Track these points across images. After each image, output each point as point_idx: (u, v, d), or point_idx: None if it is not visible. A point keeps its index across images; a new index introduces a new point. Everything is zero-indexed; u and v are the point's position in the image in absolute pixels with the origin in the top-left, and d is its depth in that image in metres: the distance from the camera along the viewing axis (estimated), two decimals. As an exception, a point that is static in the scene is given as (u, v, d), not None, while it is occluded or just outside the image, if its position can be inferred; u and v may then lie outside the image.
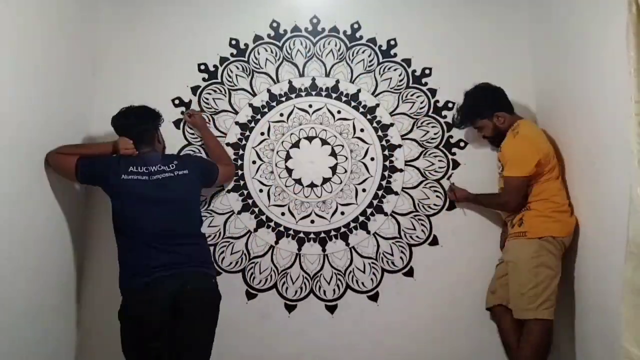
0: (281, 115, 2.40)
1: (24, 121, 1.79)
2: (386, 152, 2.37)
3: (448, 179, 2.34)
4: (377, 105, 2.40)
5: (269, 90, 2.42)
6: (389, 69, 2.43)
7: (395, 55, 2.44)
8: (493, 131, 2.14)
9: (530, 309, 1.87)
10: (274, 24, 2.47)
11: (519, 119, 2.12)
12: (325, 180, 2.35)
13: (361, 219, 2.31)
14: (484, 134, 2.19)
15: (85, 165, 1.91)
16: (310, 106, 2.41)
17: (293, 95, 2.42)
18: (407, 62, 2.44)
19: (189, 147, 2.35)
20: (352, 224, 2.31)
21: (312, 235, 2.29)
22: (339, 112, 2.40)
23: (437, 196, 2.32)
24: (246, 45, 2.45)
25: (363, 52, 2.45)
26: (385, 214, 2.31)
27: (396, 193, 2.33)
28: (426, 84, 2.42)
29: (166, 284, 1.75)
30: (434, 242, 2.29)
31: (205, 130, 2.31)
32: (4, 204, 1.67)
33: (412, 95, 2.41)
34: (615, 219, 1.65)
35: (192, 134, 2.37)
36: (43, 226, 1.91)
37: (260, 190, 2.33)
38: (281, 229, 2.30)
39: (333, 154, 2.37)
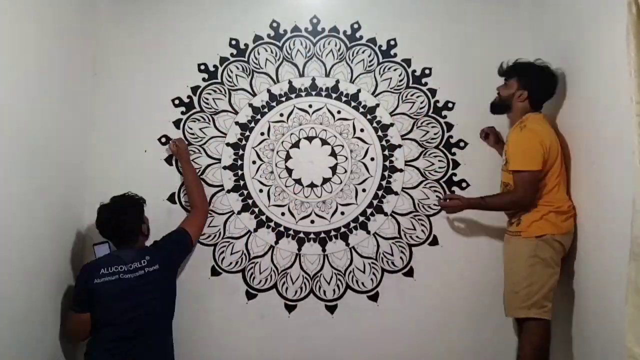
0: (281, 115, 2.40)
1: (24, 121, 1.78)
2: (386, 152, 2.37)
3: (448, 179, 2.34)
4: (377, 105, 2.40)
5: (269, 91, 2.42)
6: (389, 69, 2.43)
7: (395, 55, 2.44)
8: (507, 96, 2.06)
9: (523, 307, 1.86)
10: (274, 24, 2.47)
11: (534, 114, 2.02)
12: (325, 181, 2.35)
13: (361, 219, 2.31)
14: (499, 93, 2.11)
15: (76, 304, 1.91)
16: (310, 106, 2.41)
17: (293, 96, 2.42)
18: (407, 62, 2.44)
19: (189, 147, 2.35)
20: (352, 224, 2.31)
21: (312, 235, 2.29)
22: (339, 112, 2.40)
23: (437, 196, 2.32)
24: (246, 45, 2.45)
25: (363, 52, 2.45)
26: (385, 214, 2.32)
27: (396, 193, 2.33)
28: (426, 84, 2.42)
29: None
30: (434, 242, 2.29)
31: (186, 162, 2.27)
32: (4, 204, 1.67)
33: (412, 95, 2.41)
34: (615, 219, 1.65)
35: (192, 134, 2.37)
36: (43, 226, 1.91)
37: (260, 191, 2.33)
38: (281, 229, 2.30)
39: (333, 154, 2.37)
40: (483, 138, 2.29)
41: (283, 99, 2.41)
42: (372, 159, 2.36)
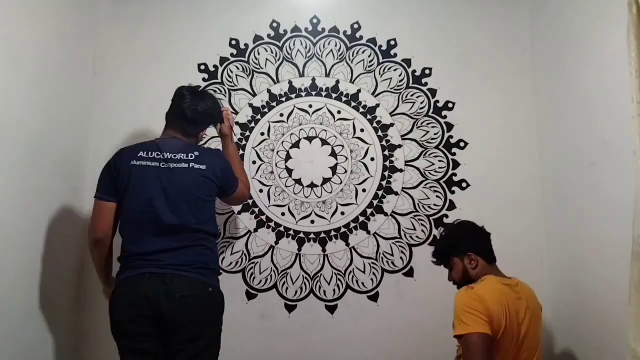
0: (281, 115, 2.40)
1: (24, 121, 1.78)
2: (386, 152, 2.37)
3: (448, 179, 2.34)
4: (377, 105, 2.40)
5: (268, 90, 2.42)
6: (389, 69, 2.43)
7: (395, 55, 2.44)
8: (462, 274, 1.76)
9: None
10: (274, 24, 2.47)
11: (496, 273, 1.74)
12: (325, 180, 2.35)
13: (361, 219, 2.31)
14: (452, 276, 1.82)
15: (102, 189, 1.70)
16: (310, 106, 2.41)
17: (293, 95, 2.42)
18: (407, 62, 2.44)
19: (189, 147, 2.35)
20: (352, 224, 2.31)
21: (312, 235, 2.29)
22: (339, 112, 2.40)
23: (437, 196, 2.32)
24: (246, 45, 2.45)
25: (363, 52, 2.45)
26: (385, 214, 2.32)
27: (396, 193, 2.33)
28: (426, 84, 2.42)
29: (147, 285, 1.55)
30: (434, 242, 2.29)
31: (233, 141, 2.07)
32: (4, 203, 1.66)
33: (412, 95, 2.41)
34: (615, 219, 1.65)
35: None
36: (43, 226, 1.91)
37: (260, 190, 2.33)
38: (281, 229, 2.30)
39: (333, 154, 2.37)
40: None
41: (283, 99, 2.41)
42: (372, 159, 2.36)
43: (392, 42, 2.45)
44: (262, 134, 2.38)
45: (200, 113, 1.81)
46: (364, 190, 2.33)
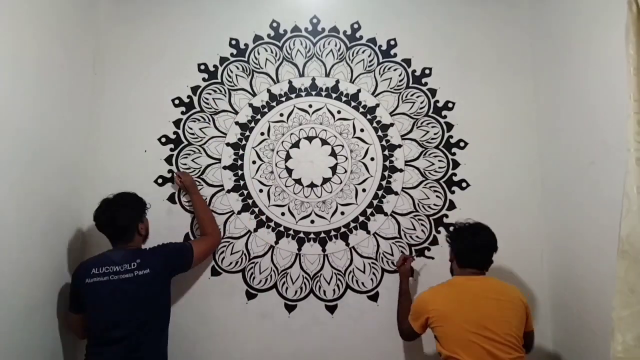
0: (281, 115, 2.40)
1: (24, 121, 1.78)
2: (386, 152, 2.37)
3: (448, 179, 2.34)
4: (377, 105, 2.40)
5: (269, 90, 2.42)
6: (389, 69, 2.43)
7: (395, 55, 2.44)
8: (450, 267, 2.00)
9: None
10: (274, 24, 2.47)
11: (467, 274, 1.87)
12: (325, 180, 2.35)
13: (361, 219, 2.31)
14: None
15: (70, 303, 1.92)
16: (310, 106, 2.41)
17: (293, 95, 2.42)
18: (407, 62, 2.44)
19: (189, 147, 2.35)
20: (352, 224, 2.31)
21: (312, 235, 2.29)
22: (339, 112, 2.40)
23: (437, 196, 2.32)
24: (246, 45, 2.45)
25: (363, 52, 2.45)
26: (385, 214, 2.32)
27: (396, 193, 2.33)
28: (426, 84, 2.42)
29: None
30: (434, 242, 2.29)
31: (194, 193, 2.23)
32: (4, 204, 1.67)
33: (412, 95, 2.41)
34: (615, 218, 1.65)
35: (193, 134, 2.37)
36: (42, 226, 1.91)
37: (260, 190, 2.33)
38: (281, 229, 2.30)
39: (333, 154, 2.37)
40: (400, 261, 2.18)
41: (283, 99, 2.41)
42: (372, 159, 2.36)
43: (392, 42, 2.45)
44: (262, 134, 2.38)
45: (118, 224, 1.93)
46: (364, 190, 2.33)
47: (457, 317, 1.73)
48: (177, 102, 2.39)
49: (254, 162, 2.36)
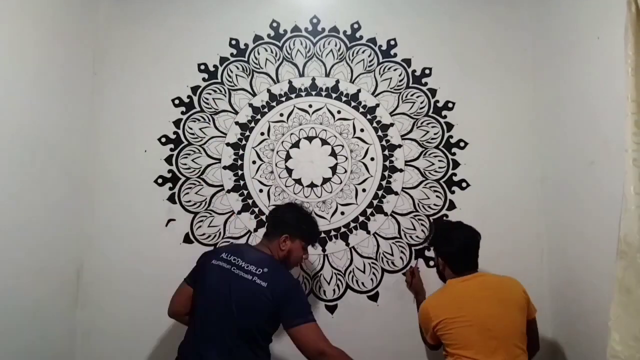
0: (281, 115, 2.40)
1: (24, 121, 1.79)
2: (386, 152, 2.37)
3: (448, 179, 2.34)
4: (377, 105, 2.40)
5: (269, 90, 2.42)
6: (389, 69, 2.43)
7: (395, 55, 2.44)
8: (438, 272, 2.01)
9: None
10: (274, 24, 2.47)
11: (460, 276, 1.86)
12: (325, 180, 2.35)
13: (361, 219, 2.31)
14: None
15: (189, 274, 1.86)
16: (310, 106, 2.41)
17: (293, 95, 2.42)
18: (407, 62, 2.44)
19: (189, 147, 2.35)
20: (352, 224, 2.31)
21: (312, 235, 2.29)
22: (339, 112, 2.40)
23: (437, 196, 2.33)
24: (246, 45, 2.45)
25: (363, 52, 2.45)
26: (385, 214, 2.32)
27: (396, 193, 2.33)
28: (426, 84, 2.42)
29: None
30: (434, 242, 2.29)
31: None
32: (4, 203, 1.67)
33: (412, 95, 2.41)
34: (615, 218, 1.65)
35: (193, 134, 2.37)
36: (43, 226, 1.91)
37: (260, 190, 2.33)
38: (281, 229, 2.30)
39: (333, 154, 2.37)
40: (409, 277, 2.19)
41: (283, 99, 2.41)
42: (372, 159, 2.36)
43: (392, 42, 2.45)
44: (262, 134, 2.38)
45: (276, 215, 1.95)
46: (364, 190, 2.33)
47: (459, 321, 1.73)
48: (177, 102, 2.39)
49: (254, 162, 2.36)
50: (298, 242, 1.86)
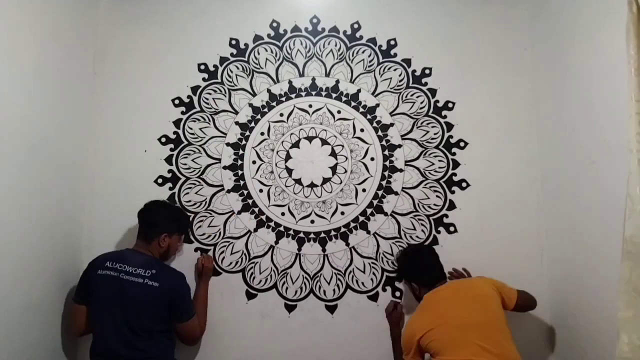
0: (281, 115, 2.40)
1: (24, 121, 1.78)
2: (386, 152, 2.37)
3: (448, 179, 2.34)
4: (377, 105, 2.40)
5: (269, 90, 2.42)
6: (389, 69, 2.43)
7: (395, 55, 2.44)
8: (417, 296, 2.04)
9: None
10: (274, 24, 2.47)
11: (432, 289, 1.95)
12: (325, 180, 2.34)
13: (361, 219, 2.31)
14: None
15: (76, 292, 1.96)
16: (310, 106, 2.41)
17: (293, 95, 2.42)
18: (407, 62, 2.44)
19: (189, 147, 2.35)
20: (352, 224, 2.31)
21: (312, 235, 2.29)
22: (339, 112, 2.40)
23: (437, 196, 2.33)
24: (246, 45, 2.45)
25: (363, 52, 2.45)
26: (385, 214, 2.31)
27: (396, 193, 2.33)
28: (426, 84, 2.42)
29: None
30: (434, 242, 2.29)
31: (205, 283, 2.16)
32: (4, 203, 1.66)
33: (412, 95, 2.41)
34: (615, 218, 1.65)
35: (193, 134, 2.37)
36: (43, 226, 1.91)
37: (260, 190, 2.33)
38: (281, 229, 2.30)
39: (333, 154, 2.37)
40: (390, 307, 2.18)
41: (283, 98, 2.41)
42: (372, 159, 2.36)
43: (392, 42, 2.45)
44: (262, 133, 2.38)
45: (149, 217, 2.03)
46: (364, 190, 2.33)
47: (442, 326, 1.79)
48: (177, 102, 2.39)
49: (254, 162, 2.36)
50: (175, 237, 2.06)
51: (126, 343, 1.79)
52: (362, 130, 2.38)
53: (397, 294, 2.25)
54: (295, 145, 2.38)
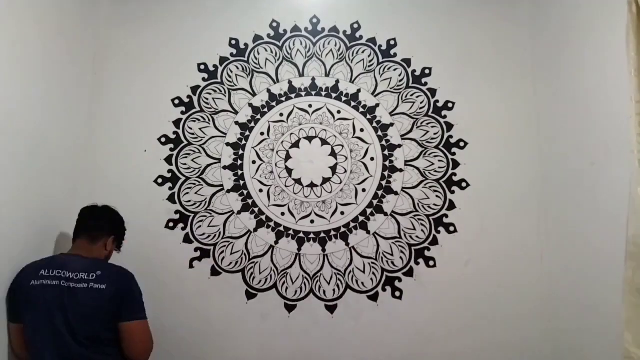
0: (281, 115, 2.40)
1: (24, 121, 1.78)
2: (386, 152, 2.36)
3: (448, 179, 2.34)
4: (377, 105, 2.40)
5: (268, 90, 2.42)
6: (389, 69, 2.43)
7: (395, 55, 2.44)
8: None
9: None
10: (274, 24, 2.47)
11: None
12: (325, 180, 2.34)
13: (361, 219, 2.31)
14: None
15: (8, 310, 1.66)
16: (310, 106, 2.41)
17: (293, 95, 2.42)
18: (407, 62, 2.44)
19: (189, 147, 2.35)
20: (352, 224, 2.31)
21: (312, 235, 2.29)
22: (338, 112, 2.40)
23: (437, 196, 2.32)
24: (246, 45, 2.45)
25: (363, 52, 2.45)
26: (385, 214, 2.31)
27: (396, 193, 2.33)
28: (426, 84, 2.42)
29: None
30: (434, 242, 2.29)
31: None
32: (4, 203, 1.66)
33: (412, 95, 2.41)
34: (615, 219, 1.65)
35: (192, 134, 2.37)
36: (43, 226, 1.91)
37: (260, 190, 2.33)
38: (281, 229, 2.30)
39: (333, 154, 2.37)
40: None
41: (283, 98, 2.41)
42: (372, 159, 2.36)
43: (392, 42, 2.45)
44: (262, 133, 2.38)
45: (94, 216, 1.85)
46: (364, 190, 2.33)
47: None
48: (177, 102, 2.39)
49: (253, 162, 2.36)
50: (115, 244, 1.89)
51: (70, 358, 1.58)
52: (362, 130, 2.38)
53: (397, 293, 2.25)
54: (295, 145, 2.38)
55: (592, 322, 1.87)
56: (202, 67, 2.42)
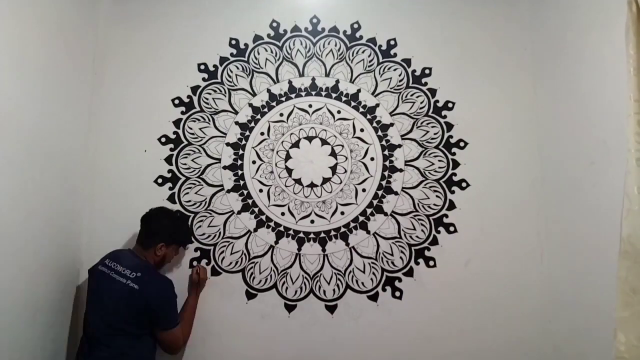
0: (281, 115, 2.40)
1: (24, 121, 1.78)
2: (386, 152, 2.37)
3: (448, 179, 2.34)
4: (377, 105, 2.40)
5: (268, 90, 2.42)
6: (389, 69, 2.43)
7: (395, 55, 2.44)
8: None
9: None
10: (274, 24, 2.47)
11: None
12: (325, 180, 2.34)
13: (361, 219, 2.31)
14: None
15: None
16: (310, 106, 2.41)
17: (293, 95, 2.42)
18: (407, 62, 2.44)
19: (189, 147, 2.35)
20: (352, 224, 2.31)
21: (312, 235, 2.29)
22: (338, 112, 2.40)
23: (437, 196, 2.32)
24: (246, 45, 2.45)
25: (363, 52, 2.45)
26: (385, 214, 2.31)
27: (396, 193, 2.33)
28: (426, 84, 2.42)
29: None
30: (434, 242, 2.29)
31: (197, 293, 2.17)
32: (4, 203, 1.66)
33: (412, 95, 2.41)
34: (615, 219, 1.65)
35: (192, 133, 2.37)
36: (43, 226, 1.91)
37: (260, 190, 2.33)
38: (281, 229, 2.30)
39: (333, 153, 2.37)
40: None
41: (283, 98, 2.41)
42: (372, 159, 2.36)
43: (392, 42, 2.45)
44: (262, 133, 2.38)
45: (148, 224, 2.06)
46: (364, 190, 2.33)
47: None
48: (177, 102, 2.39)
49: (253, 162, 2.36)
50: (173, 247, 2.08)
51: (99, 336, 1.85)
52: (362, 130, 2.38)
53: (397, 294, 2.25)
54: (295, 145, 2.38)
55: (592, 322, 1.87)
56: (202, 67, 2.42)
